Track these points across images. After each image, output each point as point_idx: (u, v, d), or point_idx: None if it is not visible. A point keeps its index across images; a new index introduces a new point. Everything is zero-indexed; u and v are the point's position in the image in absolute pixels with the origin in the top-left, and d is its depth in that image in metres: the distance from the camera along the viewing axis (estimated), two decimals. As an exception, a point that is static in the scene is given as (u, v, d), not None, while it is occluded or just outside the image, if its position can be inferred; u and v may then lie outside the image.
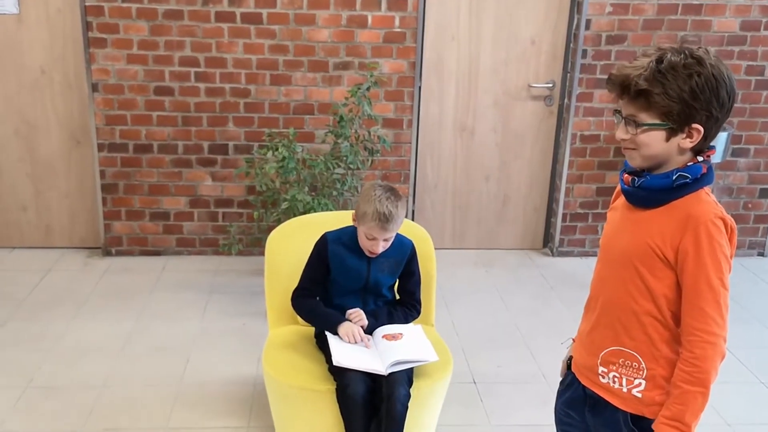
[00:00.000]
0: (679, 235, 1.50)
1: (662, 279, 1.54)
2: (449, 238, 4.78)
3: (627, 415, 1.62)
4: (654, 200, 1.55)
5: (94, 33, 4.10)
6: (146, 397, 3.01)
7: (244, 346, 3.44)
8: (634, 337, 1.59)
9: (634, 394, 1.60)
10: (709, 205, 1.51)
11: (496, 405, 3.06)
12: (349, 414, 2.36)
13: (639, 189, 1.57)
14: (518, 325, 3.79)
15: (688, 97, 1.45)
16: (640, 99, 1.48)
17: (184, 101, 4.26)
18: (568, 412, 1.78)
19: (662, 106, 1.46)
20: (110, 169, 4.33)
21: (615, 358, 1.63)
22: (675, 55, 1.46)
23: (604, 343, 1.65)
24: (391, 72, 4.31)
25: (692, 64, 1.45)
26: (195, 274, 4.27)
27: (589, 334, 1.70)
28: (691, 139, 1.50)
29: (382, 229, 2.42)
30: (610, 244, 1.67)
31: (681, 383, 1.51)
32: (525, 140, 4.63)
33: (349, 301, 2.58)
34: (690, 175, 1.51)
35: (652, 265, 1.54)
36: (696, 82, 1.44)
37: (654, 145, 1.51)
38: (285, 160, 3.80)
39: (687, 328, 1.51)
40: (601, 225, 4.71)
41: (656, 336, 1.57)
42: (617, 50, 4.37)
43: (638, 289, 1.57)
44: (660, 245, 1.52)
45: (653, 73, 1.46)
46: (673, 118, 1.47)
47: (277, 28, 4.18)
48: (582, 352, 1.73)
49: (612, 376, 1.63)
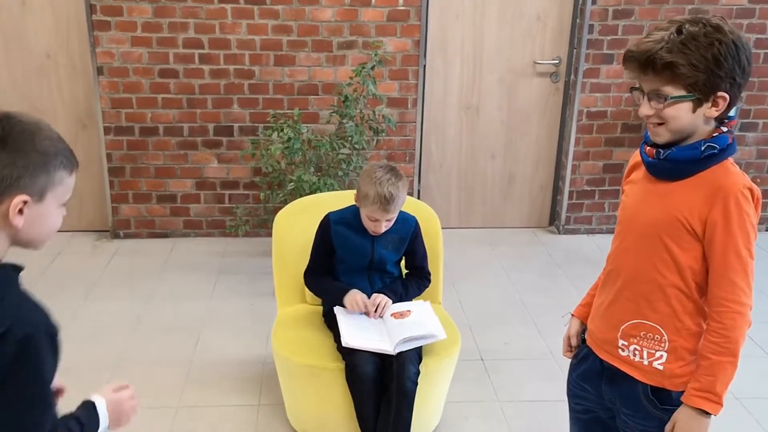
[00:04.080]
0: (708, 207, 1.49)
1: (689, 251, 1.53)
2: (455, 217, 4.78)
3: (647, 387, 1.62)
4: (680, 172, 1.54)
5: (98, 16, 4.09)
6: (158, 376, 3.04)
7: (253, 326, 3.47)
8: (657, 310, 1.59)
9: (655, 366, 1.60)
10: (737, 175, 1.51)
11: (503, 381, 3.09)
12: (358, 393, 2.39)
13: (665, 161, 1.55)
14: (525, 302, 3.81)
15: (712, 65, 1.44)
16: (666, 72, 1.46)
17: (189, 83, 4.25)
18: (583, 385, 1.78)
19: (688, 77, 1.45)
20: (117, 152, 4.34)
21: (636, 330, 1.62)
22: (693, 25, 1.45)
23: (625, 316, 1.64)
24: (395, 51, 4.29)
25: (712, 32, 1.44)
26: (203, 255, 4.29)
27: (608, 308, 1.69)
28: (717, 107, 1.49)
29: (384, 211, 2.44)
30: (631, 217, 1.65)
31: (710, 354, 1.51)
32: (531, 118, 4.61)
33: (355, 278, 2.61)
34: (718, 145, 1.50)
35: (679, 237, 1.53)
36: (718, 50, 1.43)
37: (682, 117, 1.49)
38: (290, 141, 3.81)
39: (715, 299, 1.51)
40: (609, 202, 4.70)
41: (680, 308, 1.57)
42: (624, 25, 4.33)
43: (664, 262, 1.56)
44: (687, 217, 1.51)
45: (675, 44, 1.44)
46: (699, 89, 1.46)
47: (280, 8, 4.16)
48: (600, 326, 1.71)
49: (633, 349, 1.63)
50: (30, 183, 1.21)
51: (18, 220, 1.21)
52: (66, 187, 1.28)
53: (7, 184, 1.19)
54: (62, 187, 1.27)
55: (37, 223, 1.25)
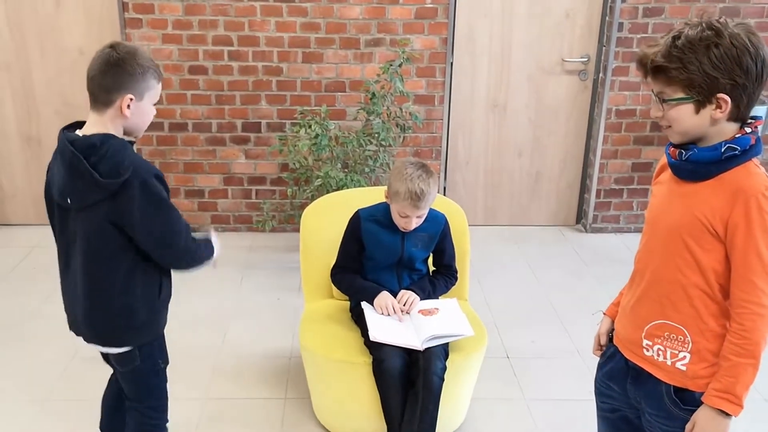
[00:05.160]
0: (729, 208, 1.49)
1: (711, 252, 1.53)
2: (481, 215, 4.77)
3: (670, 387, 1.62)
4: (702, 173, 1.54)
5: (130, 13, 4.15)
6: (185, 369, 3.08)
7: (280, 320, 3.50)
8: (680, 311, 1.59)
9: (678, 367, 1.60)
10: (759, 177, 1.50)
11: (530, 379, 3.08)
12: (385, 387, 2.40)
13: (686, 162, 1.56)
14: (551, 300, 3.79)
15: (708, 68, 1.45)
16: (660, 75, 1.51)
17: (218, 80, 4.30)
18: (609, 384, 1.79)
19: (682, 79, 1.48)
20: (146, 148, 4.41)
21: (660, 331, 1.62)
22: (692, 29, 1.48)
23: (649, 316, 1.64)
24: (422, 48, 4.29)
25: (709, 36, 1.45)
26: (230, 250, 4.33)
27: (633, 308, 1.69)
28: (720, 109, 1.49)
29: (415, 207, 2.44)
30: (657, 217, 1.66)
31: (731, 355, 1.51)
32: (558, 116, 4.58)
33: (384, 275, 2.62)
34: (739, 146, 1.50)
35: (701, 239, 1.53)
36: (714, 53, 1.44)
37: (684, 119, 1.52)
38: (318, 137, 3.83)
39: (736, 301, 1.51)
40: (637, 201, 4.66)
41: (703, 309, 1.56)
42: (654, 23, 4.28)
43: (686, 263, 1.56)
44: (709, 218, 1.51)
45: (669, 49, 1.48)
46: (696, 90, 1.48)
47: (308, 5, 4.18)
48: (626, 325, 1.72)
49: (656, 349, 1.63)
50: (134, 86, 1.80)
51: (127, 112, 1.81)
52: (156, 91, 1.87)
53: (121, 87, 1.79)
54: (154, 91, 1.86)
55: (137, 116, 1.84)
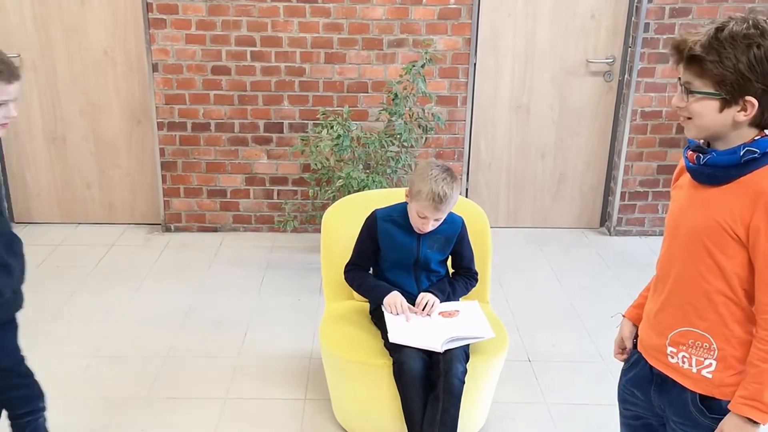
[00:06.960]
0: (750, 212, 1.45)
1: (734, 257, 1.49)
2: (503, 217, 4.74)
3: (696, 395, 1.58)
4: (721, 177, 1.51)
5: (154, 14, 4.18)
6: (206, 368, 3.10)
7: (300, 321, 3.49)
8: (705, 318, 1.55)
9: (704, 374, 1.56)
10: None
11: (551, 383, 3.04)
12: (406, 389, 2.39)
13: (705, 166, 1.52)
14: (574, 303, 3.74)
15: (744, 67, 1.40)
16: (694, 65, 1.46)
17: (241, 80, 4.31)
18: (633, 391, 1.75)
19: (715, 74, 1.43)
20: (169, 147, 4.43)
21: (684, 339, 1.59)
22: (738, 24, 1.42)
23: (673, 323, 1.61)
24: (445, 49, 4.27)
25: (754, 34, 1.40)
26: (251, 250, 4.35)
27: (656, 315, 1.66)
28: (745, 112, 1.44)
29: (435, 210, 2.42)
30: (677, 223, 1.62)
31: (758, 362, 1.47)
32: (583, 117, 4.53)
33: (401, 277, 2.61)
34: (758, 149, 1.46)
35: (723, 244, 1.49)
36: (754, 54, 1.39)
37: (707, 115, 1.47)
38: (340, 138, 3.82)
39: (761, 306, 1.47)
40: (662, 204, 4.59)
41: (728, 316, 1.53)
42: (681, 23, 4.22)
43: (709, 268, 1.52)
44: (730, 223, 1.48)
45: (710, 39, 1.42)
46: (726, 89, 1.43)
47: (331, 6, 4.18)
48: (649, 332, 1.69)
49: (681, 356, 1.59)
50: None
51: None
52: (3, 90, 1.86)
53: None
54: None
55: None
